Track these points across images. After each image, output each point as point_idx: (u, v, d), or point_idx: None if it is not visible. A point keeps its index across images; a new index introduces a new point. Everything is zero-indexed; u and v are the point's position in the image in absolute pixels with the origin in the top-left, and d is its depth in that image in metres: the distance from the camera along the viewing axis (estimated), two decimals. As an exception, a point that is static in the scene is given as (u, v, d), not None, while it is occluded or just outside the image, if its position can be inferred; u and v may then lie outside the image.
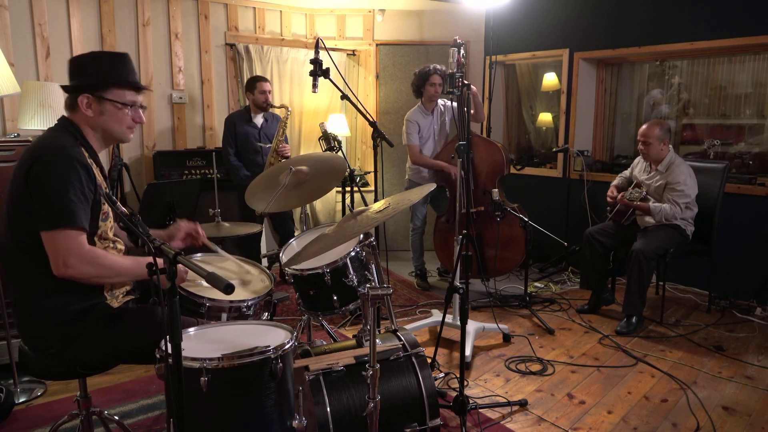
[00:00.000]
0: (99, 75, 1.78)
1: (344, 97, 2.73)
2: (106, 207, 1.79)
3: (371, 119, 2.65)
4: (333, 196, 5.39)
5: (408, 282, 4.62)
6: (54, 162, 1.66)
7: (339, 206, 5.26)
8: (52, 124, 1.86)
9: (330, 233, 1.96)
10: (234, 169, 4.26)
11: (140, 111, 1.87)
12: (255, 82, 4.24)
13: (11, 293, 1.80)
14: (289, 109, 4.22)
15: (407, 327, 3.22)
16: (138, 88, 1.85)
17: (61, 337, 1.75)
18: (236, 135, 4.25)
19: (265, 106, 4.24)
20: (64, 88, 1.83)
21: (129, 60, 1.86)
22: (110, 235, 1.86)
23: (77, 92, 1.77)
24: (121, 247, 1.94)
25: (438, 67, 4.09)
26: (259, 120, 4.31)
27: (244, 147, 4.27)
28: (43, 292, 1.73)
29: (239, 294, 2.12)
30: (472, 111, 3.92)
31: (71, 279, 1.66)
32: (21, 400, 2.66)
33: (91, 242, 1.76)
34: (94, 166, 1.77)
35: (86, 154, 1.75)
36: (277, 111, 4.40)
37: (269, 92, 4.24)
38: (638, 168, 3.79)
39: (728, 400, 2.71)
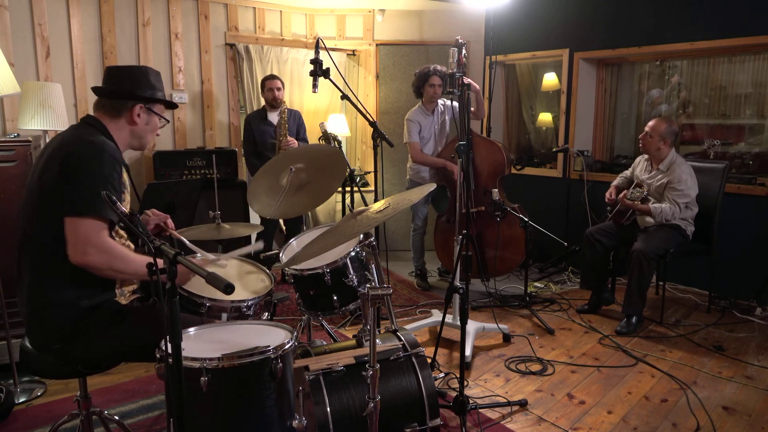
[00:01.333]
0: (152, 89, 1.94)
1: (344, 97, 2.73)
2: (125, 206, 1.85)
3: (371, 119, 2.65)
4: (333, 196, 5.38)
5: (408, 282, 4.62)
6: (95, 155, 1.73)
7: (339, 206, 5.26)
8: (51, 124, 1.88)
9: (330, 233, 1.96)
10: (252, 169, 4.42)
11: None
12: (264, 80, 4.44)
13: (22, 288, 1.80)
14: (284, 104, 4.35)
15: (407, 327, 3.22)
16: (173, 107, 2.06)
17: (67, 332, 1.75)
18: (253, 134, 4.41)
19: (274, 104, 4.37)
20: (107, 92, 1.91)
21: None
22: (123, 232, 1.91)
23: (132, 101, 1.88)
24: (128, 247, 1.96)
25: (438, 68, 4.09)
26: (274, 118, 4.42)
27: (262, 145, 4.41)
28: (58, 286, 1.74)
29: (239, 294, 2.12)
30: (472, 108, 3.92)
31: (84, 267, 1.69)
32: (21, 400, 2.66)
33: (110, 236, 1.80)
34: (122, 167, 1.86)
35: (119, 153, 1.84)
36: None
37: (277, 89, 4.39)
38: (639, 167, 3.80)
39: (728, 400, 2.71)
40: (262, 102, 4.56)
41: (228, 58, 4.87)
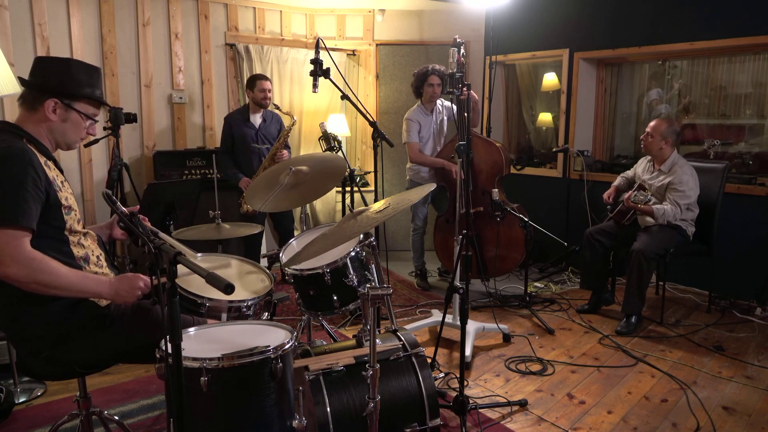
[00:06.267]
0: (74, 84, 1.77)
1: (344, 97, 2.73)
2: (66, 201, 1.76)
3: (371, 119, 2.65)
4: (333, 196, 5.39)
5: (408, 282, 4.62)
6: (1, 162, 1.62)
7: (339, 206, 5.26)
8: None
9: (330, 233, 1.96)
10: (223, 167, 4.20)
11: (95, 125, 1.88)
12: (255, 80, 4.19)
13: None
14: (294, 118, 4.16)
15: (407, 327, 3.22)
16: (102, 104, 1.87)
17: (51, 338, 1.73)
18: (233, 136, 4.20)
19: (264, 104, 4.18)
20: (25, 82, 1.78)
21: (101, 75, 1.88)
22: (79, 227, 1.82)
23: (45, 93, 1.75)
24: (92, 239, 1.90)
25: (436, 67, 4.08)
26: (257, 120, 4.24)
27: (241, 148, 4.20)
28: (20, 299, 1.69)
29: (239, 294, 2.12)
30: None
31: (7, 279, 1.59)
32: (21, 400, 2.66)
33: (62, 237, 1.74)
34: (49, 162, 1.75)
35: (36, 152, 1.71)
36: (282, 116, 4.38)
37: (269, 91, 4.18)
38: (641, 167, 3.79)
39: (728, 400, 2.71)
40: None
41: (228, 58, 4.87)
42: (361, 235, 2.41)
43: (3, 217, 1.58)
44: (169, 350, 1.34)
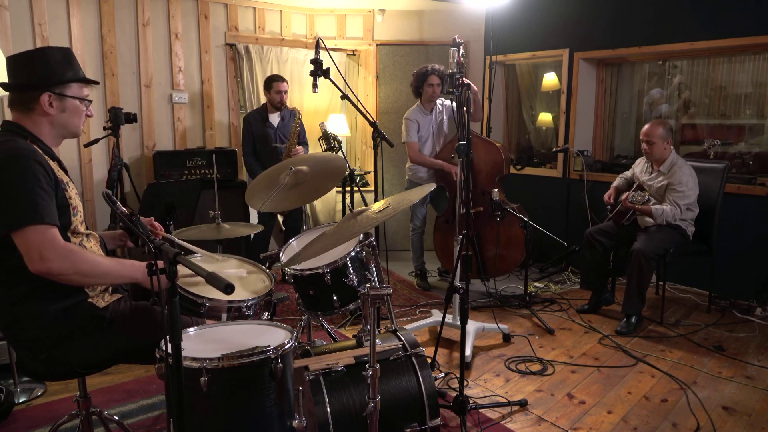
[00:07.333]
0: (58, 71, 1.76)
1: (344, 97, 2.73)
2: (73, 201, 1.76)
3: (371, 119, 2.65)
4: (333, 196, 5.39)
5: (408, 282, 4.62)
6: (11, 163, 1.63)
7: (339, 206, 5.26)
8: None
9: (330, 233, 1.96)
10: (250, 169, 4.37)
11: (90, 105, 1.89)
12: (272, 81, 4.35)
13: None
14: (300, 111, 4.30)
15: (407, 327, 3.22)
16: (91, 83, 1.87)
17: (51, 339, 1.73)
18: (253, 136, 4.36)
19: (280, 106, 4.34)
20: (10, 86, 1.77)
21: (74, 54, 1.87)
22: (82, 229, 1.82)
23: (37, 91, 1.74)
24: (95, 240, 1.90)
25: (436, 67, 4.09)
26: (275, 119, 4.38)
27: (262, 148, 4.36)
28: (19, 301, 1.70)
29: (239, 294, 2.12)
30: (471, 110, 3.92)
31: (49, 275, 1.60)
32: (21, 400, 2.66)
33: (65, 238, 1.73)
34: (52, 163, 1.74)
35: (40, 152, 1.72)
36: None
37: (285, 92, 4.34)
38: (639, 168, 3.79)
39: (728, 400, 2.71)
40: (262, 100, 4.54)
41: (228, 58, 4.87)
42: (361, 235, 2.41)
43: (30, 216, 1.59)
44: (169, 350, 1.34)
